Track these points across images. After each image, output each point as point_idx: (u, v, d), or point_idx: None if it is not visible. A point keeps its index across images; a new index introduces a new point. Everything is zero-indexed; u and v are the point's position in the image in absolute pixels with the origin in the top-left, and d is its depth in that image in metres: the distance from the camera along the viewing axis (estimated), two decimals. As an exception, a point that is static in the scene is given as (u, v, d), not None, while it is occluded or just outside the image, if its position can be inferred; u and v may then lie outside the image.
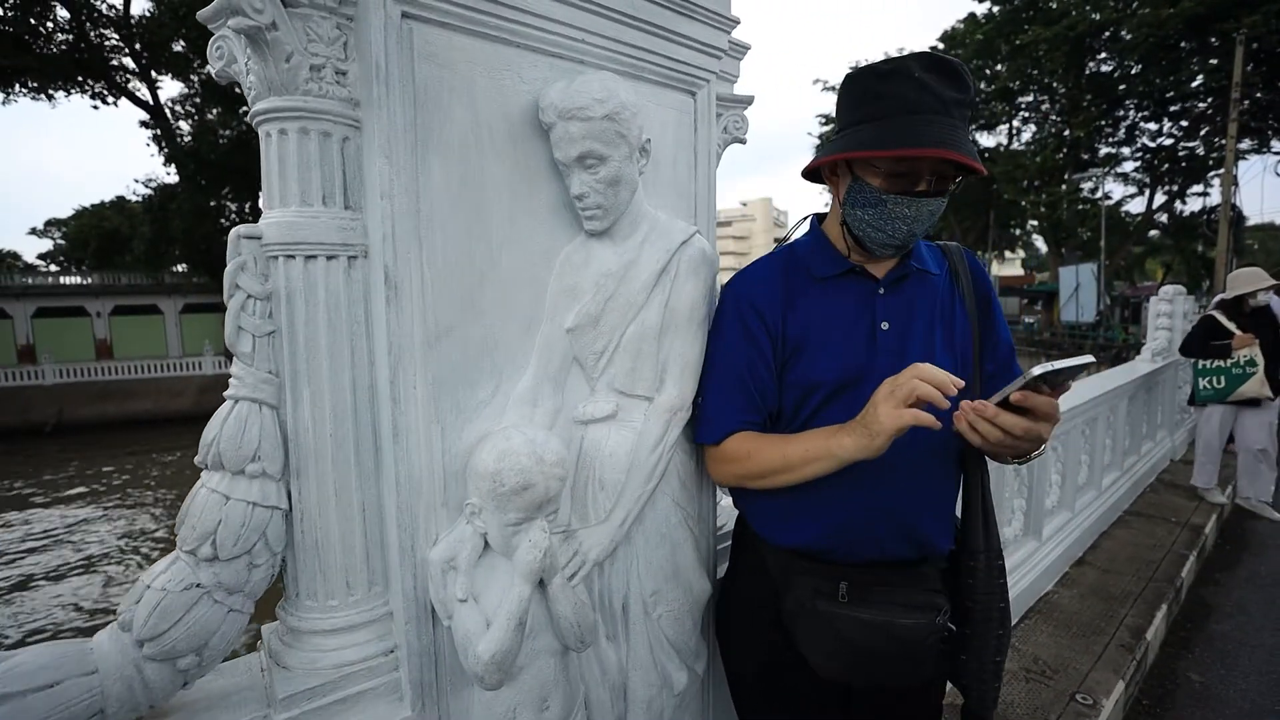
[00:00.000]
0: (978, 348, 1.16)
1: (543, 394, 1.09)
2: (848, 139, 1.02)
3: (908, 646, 1.04)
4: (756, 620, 1.20)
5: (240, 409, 0.91)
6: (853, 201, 1.06)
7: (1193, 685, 2.98)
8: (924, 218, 1.02)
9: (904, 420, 0.90)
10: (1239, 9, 16.22)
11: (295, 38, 0.87)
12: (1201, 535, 4.24)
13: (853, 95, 1.04)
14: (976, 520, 1.17)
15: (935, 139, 0.93)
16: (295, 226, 0.90)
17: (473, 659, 0.95)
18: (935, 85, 0.95)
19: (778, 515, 1.15)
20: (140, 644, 0.84)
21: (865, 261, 1.13)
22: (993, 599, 1.14)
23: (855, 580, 1.08)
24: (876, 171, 1.02)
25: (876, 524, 1.09)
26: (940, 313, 1.14)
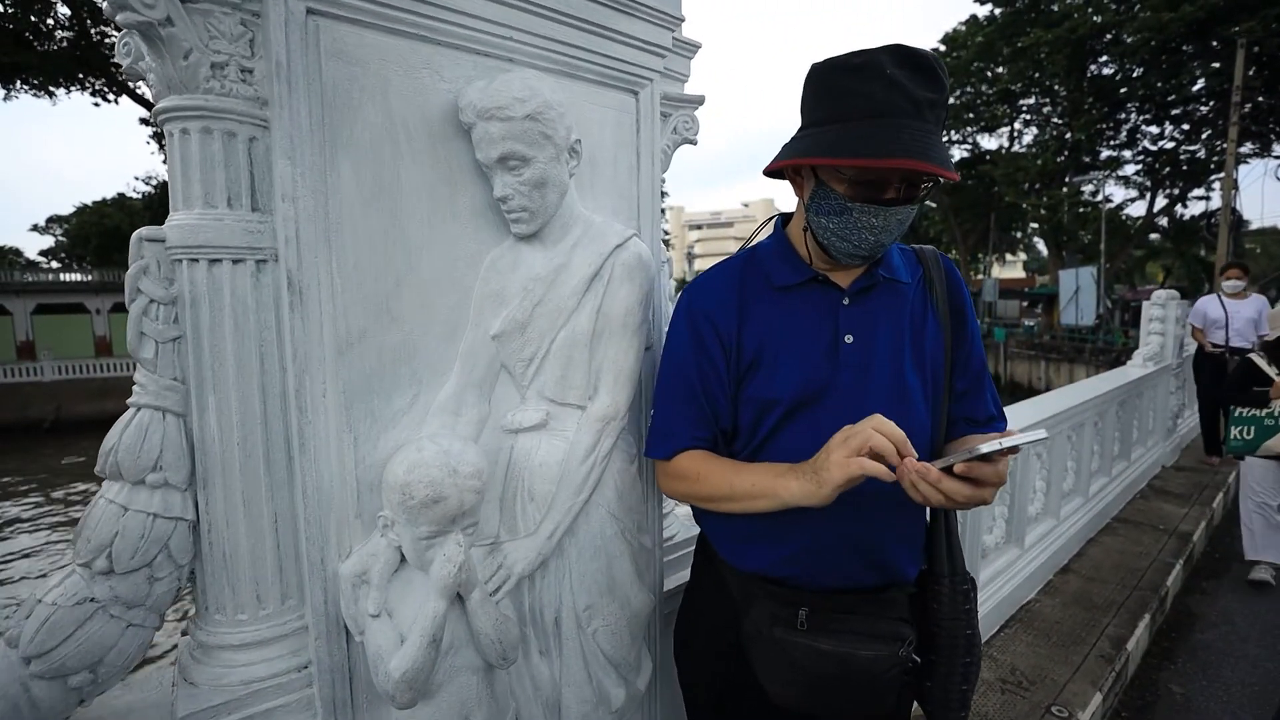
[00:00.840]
0: (949, 363, 1.10)
1: (466, 402, 1.06)
2: (812, 140, 0.94)
3: (867, 678, 1.00)
4: (715, 640, 1.16)
5: (141, 417, 0.88)
6: (817, 208, 0.98)
7: (1174, 697, 2.94)
8: (892, 227, 0.95)
9: (852, 470, 0.86)
10: (1239, 13, 16.15)
11: (194, 34, 0.84)
12: (1190, 543, 4.19)
13: (818, 90, 0.95)
14: (940, 545, 1.12)
15: (905, 147, 0.85)
16: (198, 229, 0.87)
17: (384, 677, 0.92)
18: (908, 84, 0.86)
19: (736, 537, 1.11)
20: (27, 661, 0.81)
21: (830, 270, 1.06)
22: (958, 625, 1.09)
23: (816, 606, 1.03)
24: (841, 178, 0.94)
25: (840, 550, 1.04)
26: (910, 325, 1.08)
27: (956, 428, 1.14)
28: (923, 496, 0.87)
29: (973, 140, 30.05)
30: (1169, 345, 5.68)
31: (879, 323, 1.07)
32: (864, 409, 1.02)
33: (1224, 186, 16.61)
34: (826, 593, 1.05)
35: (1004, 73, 25.23)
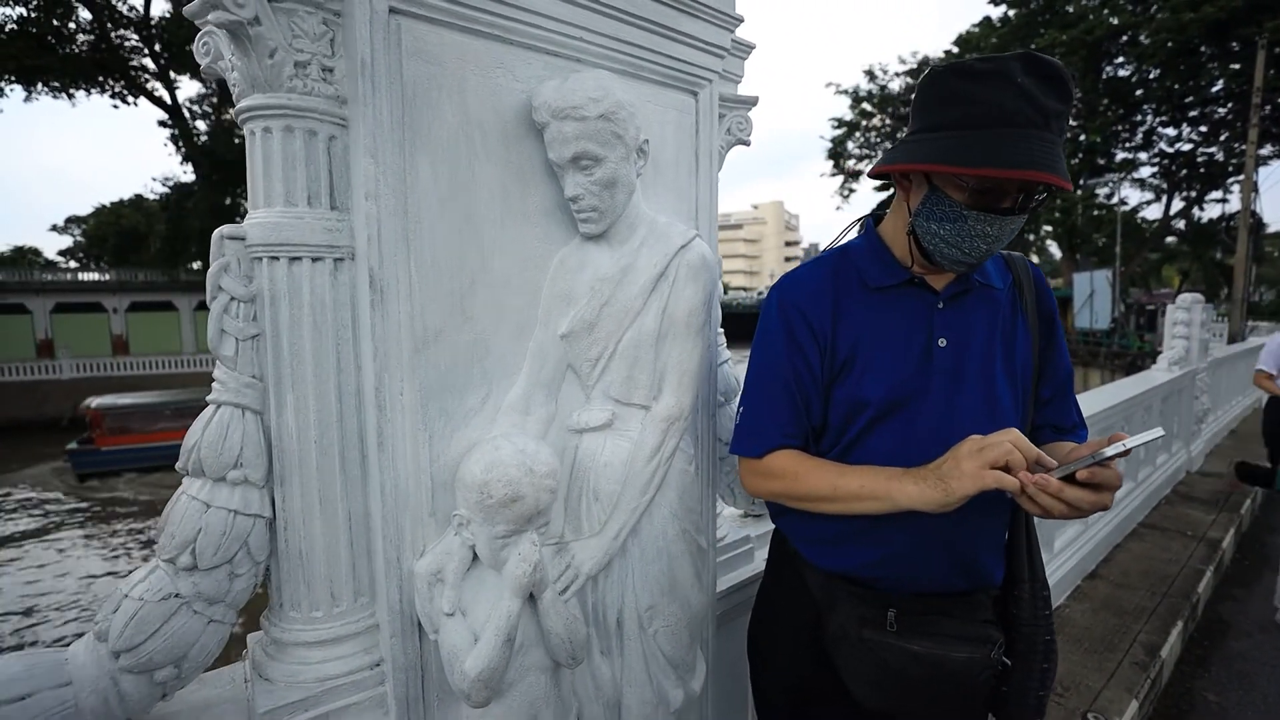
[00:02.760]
0: (1036, 370, 1.09)
1: (535, 401, 1.06)
2: (931, 146, 0.91)
3: (960, 681, 0.99)
4: (794, 639, 1.15)
5: (222, 414, 0.89)
6: (928, 214, 0.95)
7: (1209, 705, 2.89)
8: (1005, 236, 0.93)
9: (987, 483, 0.84)
10: (1261, 13, 15.94)
11: (279, 33, 0.85)
12: (1219, 550, 4.13)
13: (938, 95, 0.92)
14: (1021, 550, 1.11)
15: (1033, 159, 0.83)
16: (279, 227, 0.88)
17: (459, 675, 0.92)
18: (1037, 94, 0.84)
19: (826, 538, 1.10)
20: (116, 655, 0.82)
21: (926, 272, 1.05)
22: (1038, 631, 1.08)
23: (904, 609, 1.02)
24: (961, 186, 0.90)
25: (934, 554, 1.03)
26: (1001, 331, 1.07)
27: (1042, 435, 1.12)
28: (1041, 508, 0.86)
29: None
30: (1194, 349, 5.61)
31: (972, 328, 1.06)
32: (955, 414, 1.02)
33: (1243, 189, 16.40)
34: (915, 595, 1.05)
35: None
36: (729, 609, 1.45)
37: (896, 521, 0.97)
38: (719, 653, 1.38)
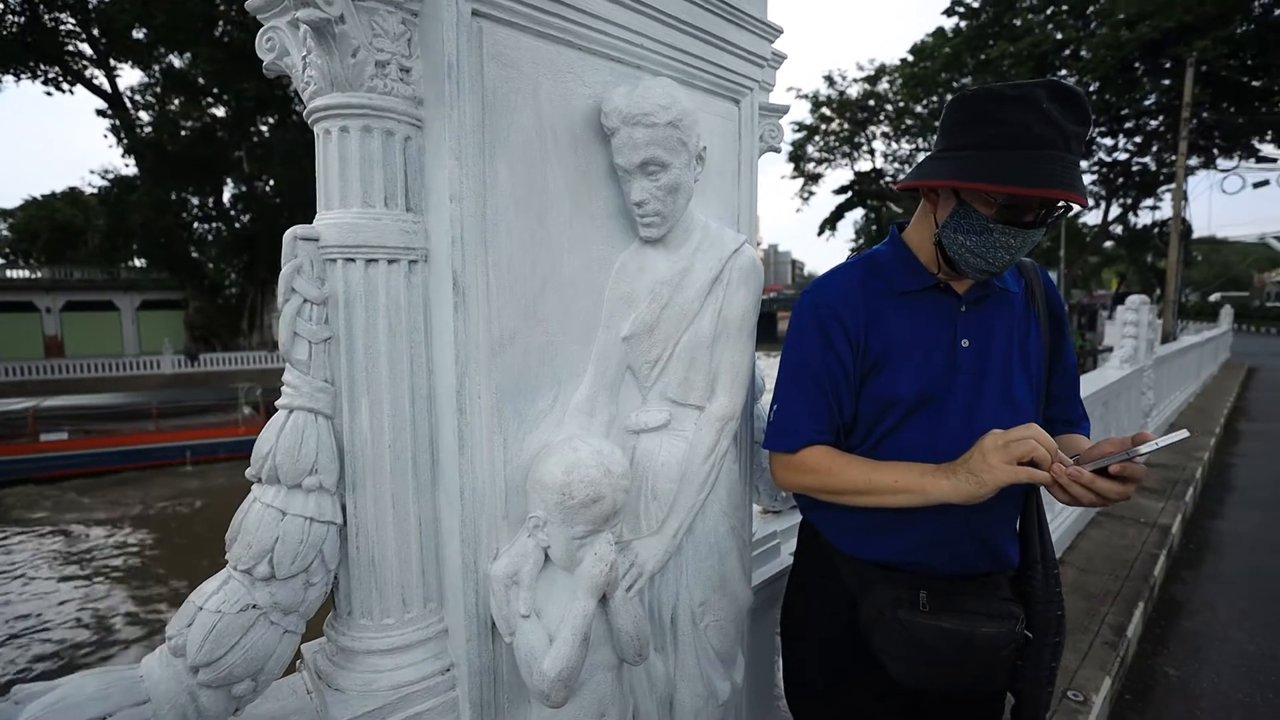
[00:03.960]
0: (1048, 369, 1.17)
1: (599, 403, 1.07)
2: (959, 163, 0.98)
3: (988, 655, 1.05)
4: (829, 624, 1.20)
5: (296, 419, 0.87)
6: (956, 226, 1.02)
7: (1170, 680, 3.10)
8: (1026, 248, 1.00)
9: (1018, 477, 0.91)
10: (1190, 34, 17.05)
11: (362, 32, 0.84)
12: (1169, 535, 4.42)
13: (968, 116, 0.99)
14: (1033, 533, 1.18)
15: (1057, 178, 0.90)
16: (357, 229, 0.87)
17: (538, 676, 0.92)
18: (1060, 118, 0.91)
19: (858, 528, 1.15)
20: (195, 670, 0.79)
21: (949, 278, 1.11)
22: (1050, 607, 1.15)
23: (934, 590, 1.08)
24: (989, 201, 0.97)
25: (962, 539, 1.10)
26: (1017, 332, 1.14)
27: (1054, 429, 1.20)
28: (1071, 496, 0.93)
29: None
30: (1141, 347, 5.96)
31: (993, 329, 1.13)
32: (979, 411, 1.09)
33: (1175, 197, 17.48)
34: (943, 577, 1.11)
35: (969, 83, 26.04)
36: (759, 604, 1.49)
37: (925, 511, 1.03)
38: (750, 646, 1.42)
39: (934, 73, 26.38)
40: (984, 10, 24.68)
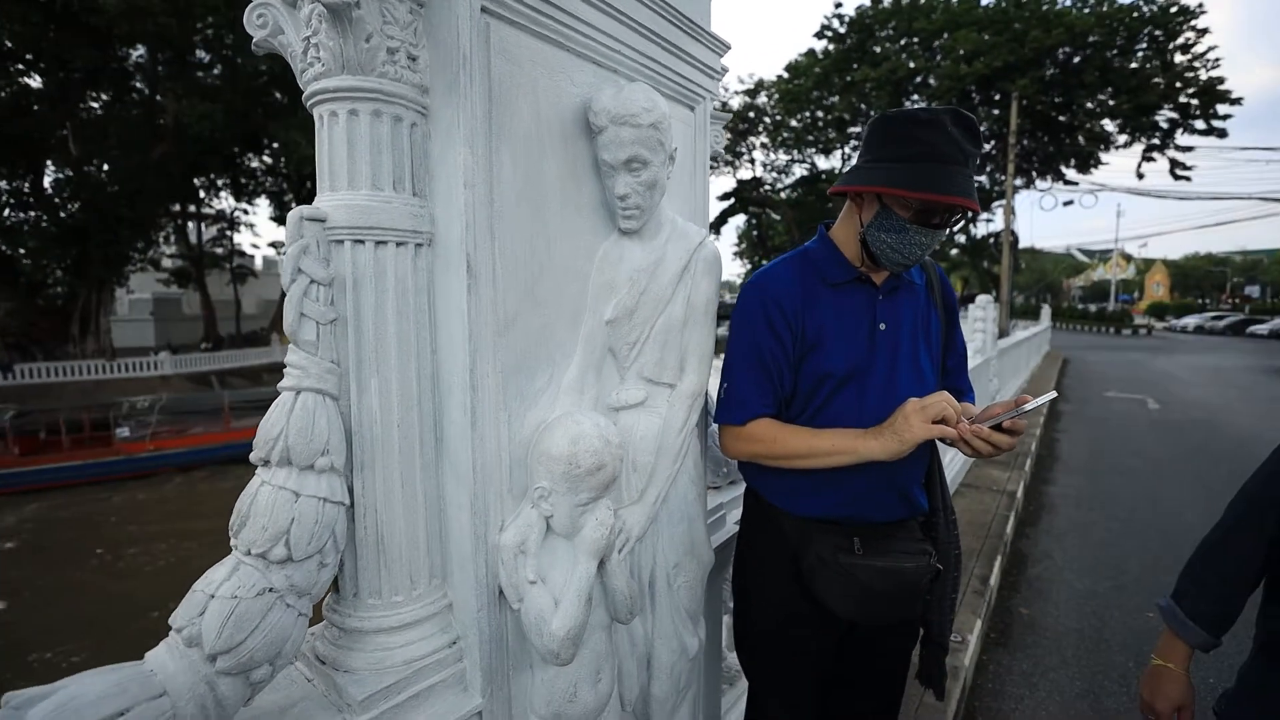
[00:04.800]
0: (945, 347, 1.41)
1: (587, 382, 1.14)
2: (884, 173, 1.15)
3: (910, 586, 1.25)
4: (775, 575, 1.35)
5: (306, 400, 0.87)
6: (879, 226, 1.20)
7: (1023, 617, 3.66)
8: (933, 245, 1.21)
9: (934, 433, 1.11)
10: (1015, 73, 19.84)
11: (374, 18, 0.85)
12: (1015, 500, 5.17)
13: (889, 134, 1.17)
14: (936, 485, 1.41)
15: (960, 188, 1.11)
16: (368, 211, 0.88)
17: (549, 637, 0.98)
18: (962, 140, 1.11)
19: (797, 490, 1.30)
20: (213, 658, 0.77)
21: (869, 271, 1.30)
22: (950, 547, 1.39)
23: (865, 536, 1.27)
24: (906, 205, 1.15)
25: (882, 492, 1.29)
26: (921, 317, 1.36)
27: None
28: (973, 450, 1.14)
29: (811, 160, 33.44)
30: (989, 341, 6.89)
31: (903, 314, 1.34)
32: (894, 383, 1.30)
33: (1005, 212, 20.22)
34: (871, 525, 1.31)
35: (838, 102, 28.42)
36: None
37: (854, 470, 1.22)
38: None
39: (806, 90, 28.47)
40: (849, 36, 27.06)
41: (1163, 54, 21.29)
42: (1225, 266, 66.90)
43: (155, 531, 11.33)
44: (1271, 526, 1.16)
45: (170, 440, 14.40)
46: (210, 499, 12.46)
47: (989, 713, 2.82)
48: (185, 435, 14.76)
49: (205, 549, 9.68)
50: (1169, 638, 1.28)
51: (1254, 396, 12.06)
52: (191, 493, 13.23)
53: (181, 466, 13.99)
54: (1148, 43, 21.44)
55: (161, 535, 11.16)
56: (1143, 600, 3.83)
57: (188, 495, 13.15)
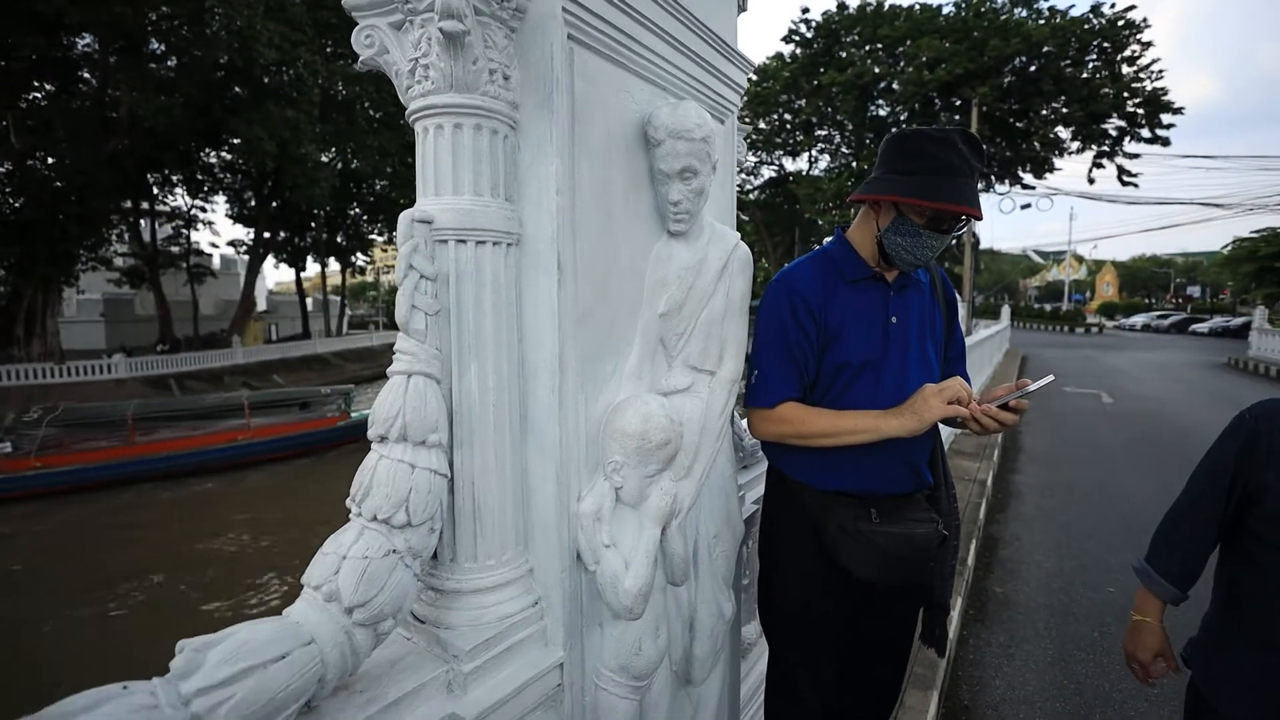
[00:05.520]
0: (946, 340, 1.58)
1: (644, 369, 1.27)
2: (899, 184, 1.30)
3: (922, 549, 1.41)
4: (800, 549, 1.49)
5: (417, 383, 0.97)
6: (895, 230, 1.35)
7: (997, 595, 3.91)
8: (942, 247, 1.37)
9: (949, 412, 1.27)
10: (973, 80, 20.60)
11: (479, 43, 0.96)
12: (986, 487, 5.46)
13: (905, 148, 1.32)
14: (939, 463, 1.58)
15: (968, 199, 1.26)
16: (471, 214, 0.99)
17: (623, 594, 1.10)
18: (969, 155, 1.27)
19: (819, 467, 1.45)
20: (350, 611, 0.87)
21: (883, 270, 1.46)
22: (952, 517, 1.56)
23: (881, 507, 1.42)
24: (920, 213, 1.30)
25: (896, 468, 1.44)
26: (926, 312, 1.52)
27: None
28: (982, 427, 1.31)
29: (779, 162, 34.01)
30: (957, 337, 7.22)
31: (912, 309, 1.50)
32: (905, 371, 1.46)
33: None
34: (885, 497, 1.46)
35: (805, 105, 29.00)
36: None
37: (871, 447, 1.37)
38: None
39: (775, 93, 28.95)
40: (816, 41, 27.62)
41: (1111, 65, 22.39)
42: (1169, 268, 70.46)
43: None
44: (1225, 497, 1.35)
45: (61, 457, 12.07)
46: (109, 536, 9.69)
47: (972, 681, 3.03)
48: (79, 451, 12.27)
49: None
50: (1144, 595, 1.46)
51: (1197, 390, 12.87)
52: (91, 523, 10.48)
53: (73, 486, 11.74)
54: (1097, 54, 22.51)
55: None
56: (1102, 577, 4.13)
57: (85, 523, 10.44)
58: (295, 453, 14.23)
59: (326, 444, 14.73)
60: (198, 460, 12.87)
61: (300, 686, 0.81)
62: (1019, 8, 23.48)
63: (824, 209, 29.81)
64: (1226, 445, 1.37)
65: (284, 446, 14.07)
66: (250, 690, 0.76)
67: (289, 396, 16.01)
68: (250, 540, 9.66)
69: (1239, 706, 1.29)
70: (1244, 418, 1.33)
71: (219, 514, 10.70)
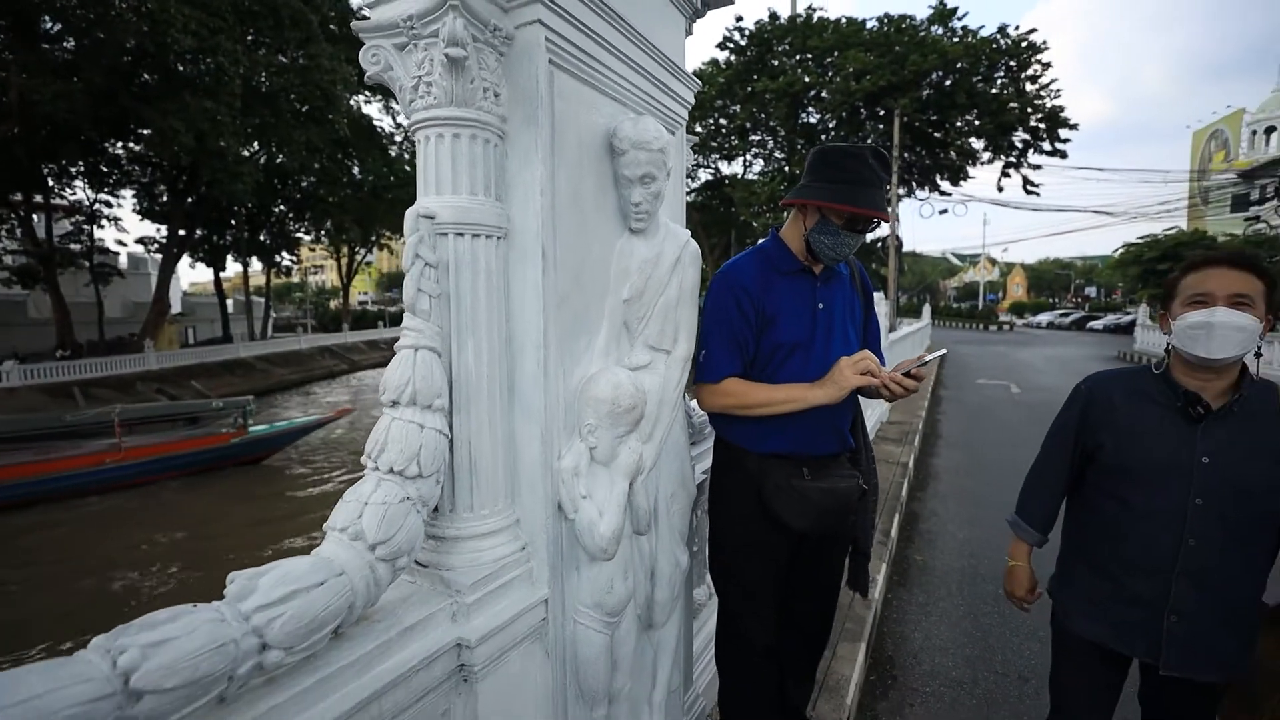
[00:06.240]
0: (864, 323, 1.86)
1: (611, 348, 1.46)
2: (825, 191, 1.55)
3: (845, 500, 1.67)
4: (743, 506, 1.73)
5: (424, 355, 1.13)
6: (819, 230, 1.61)
7: (918, 563, 4.33)
8: (858, 245, 1.65)
9: (862, 382, 1.54)
10: (897, 92, 21.88)
11: (474, 65, 1.13)
12: (907, 469, 5.95)
13: (827, 161, 1.59)
14: (859, 430, 1.86)
15: (878, 204, 1.54)
16: (468, 210, 1.15)
17: (598, 538, 1.29)
18: (878, 169, 1.55)
19: (761, 433, 1.69)
20: (373, 548, 1.02)
21: (810, 264, 1.72)
22: (870, 475, 1.84)
23: (811, 466, 1.68)
24: (840, 215, 1.56)
25: (822, 432, 1.70)
26: (847, 301, 1.79)
27: None
28: (891, 393, 1.58)
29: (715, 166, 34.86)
30: (882, 336, 7.77)
31: (835, 297, 1.77)
32: (830, 350, 1.72)
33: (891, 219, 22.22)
34: (815, 457, 1.72)
35: (739, 111, 29.88)
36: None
37: (802, 414, 1.64)
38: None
39: (710, 98, 29.65)
40: (749, 49, 28.51)
41: (1017, 82, 24.29)
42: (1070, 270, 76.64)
43: None
44: (1070, 454, 1.65)
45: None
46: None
47: (895, 635, 3.39)
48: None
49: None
50: (1016, 543, 1.78)
51: (1090, 379, 14.21)
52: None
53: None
54: (1004, 72, 24.36)
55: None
56: (1005, 543, 4.62)
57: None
58: (179, 474, 12.53)
59: (218, 463, 13.13)
60: (51, 488, 10.98)
61: (336, 609, 0.95)
62: (935, 25, 25.11)
63: (758, 212, 30.80)
64: (1069, 411, 1.68)
65: (164, 468, 12.37)
66: (297, 609, 0.90)
67: (174, 411, 14.42)
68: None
69: (1081, 621, 1.60)
70: (1079, 388, 1.65)
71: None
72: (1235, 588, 1.41)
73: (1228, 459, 1.37)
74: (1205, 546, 1.39)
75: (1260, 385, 1.42)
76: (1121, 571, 1.51)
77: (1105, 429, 1.55)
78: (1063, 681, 1.70)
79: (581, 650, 1.38)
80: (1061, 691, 1.71)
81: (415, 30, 1.10)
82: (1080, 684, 1.65)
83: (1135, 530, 1.48)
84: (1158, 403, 1.48)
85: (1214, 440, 1.39)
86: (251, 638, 0.85)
